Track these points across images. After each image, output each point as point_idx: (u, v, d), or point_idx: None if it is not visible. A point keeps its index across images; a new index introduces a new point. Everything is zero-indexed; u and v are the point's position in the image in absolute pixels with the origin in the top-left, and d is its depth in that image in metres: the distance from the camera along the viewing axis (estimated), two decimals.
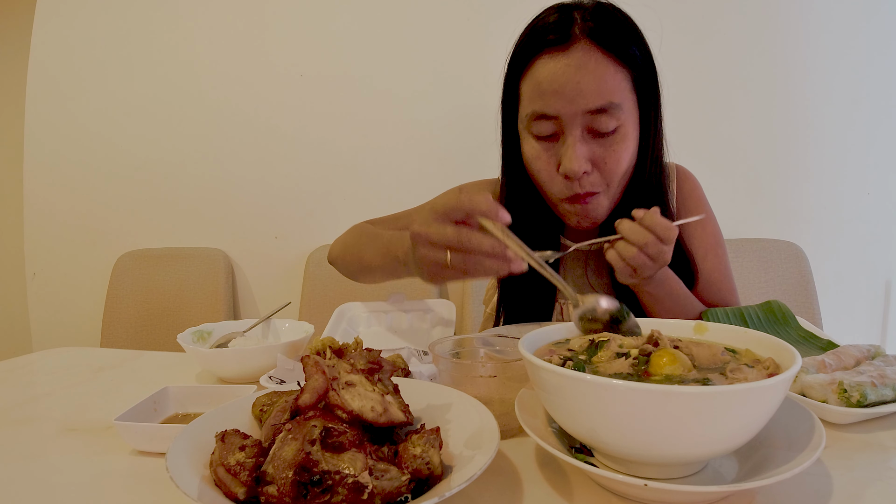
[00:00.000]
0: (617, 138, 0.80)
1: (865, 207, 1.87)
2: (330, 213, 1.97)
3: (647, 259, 0.73)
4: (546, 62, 0.78)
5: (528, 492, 0.50)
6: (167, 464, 0.44)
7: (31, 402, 0.79)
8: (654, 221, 0.72)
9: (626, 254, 0.74)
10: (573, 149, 0.78)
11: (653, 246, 0.72)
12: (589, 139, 0.80)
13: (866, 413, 0.60)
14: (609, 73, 0.77)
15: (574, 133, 0.78)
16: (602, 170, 0.81)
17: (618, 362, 0.53)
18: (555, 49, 0.77)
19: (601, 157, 0.80)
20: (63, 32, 1.99)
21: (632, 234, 0.72)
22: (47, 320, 2.09)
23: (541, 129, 0.81)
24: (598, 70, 0.76)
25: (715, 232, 1.00)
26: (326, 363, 0.51)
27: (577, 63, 0.76)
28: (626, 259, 0.74)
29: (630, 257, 0.74)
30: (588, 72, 0.76)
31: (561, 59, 0.77)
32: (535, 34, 0.81)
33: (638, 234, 0.72)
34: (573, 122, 0.78)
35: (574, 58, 0.76)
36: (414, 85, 1.89)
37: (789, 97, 1.83)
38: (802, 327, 0.86)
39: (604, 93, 0.76)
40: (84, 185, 2.02)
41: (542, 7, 0.85)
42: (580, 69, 0.76)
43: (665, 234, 0.72)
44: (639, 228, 0.72)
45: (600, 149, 0.80)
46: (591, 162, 0.80)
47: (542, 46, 0.79)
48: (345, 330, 0.99)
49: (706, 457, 0.48)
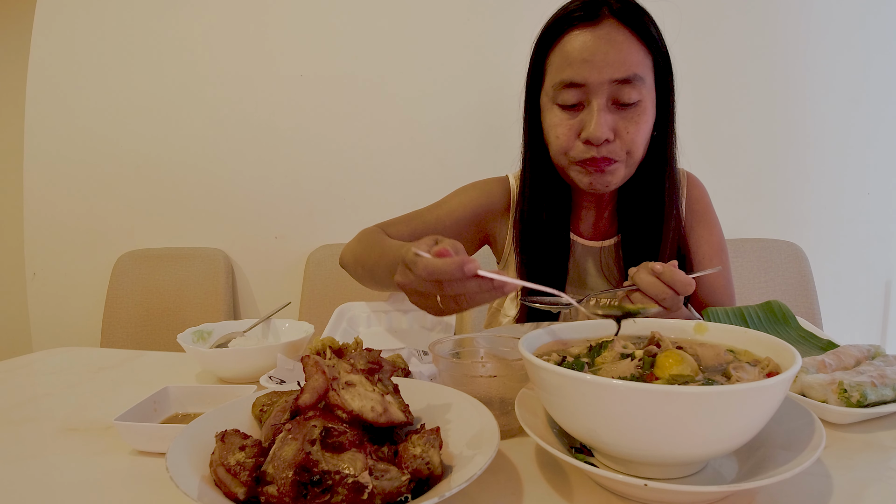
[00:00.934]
0: (638, 110, 0.84)
1: (865, 207, 1.87)
2: (330, 213, 1.97)
3: (662, 310, 0.74)
4: (576, 35, 0.83)
5: (528, 492, 0.50)
6: (167, 464, 0.44)
7: (31, 402, 0.79)
8: (674, 278, 0.71)
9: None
10: (599, 114, 0.82)
11: (670, 300, 0.72)
12: (613, 109, 0.84)
13: (866, 413, 0.60)
14: (634, 49, 0.82)
15: (600, 101, 0.82)
16: (624, 139, 0.84)
17: (622, 364, 0.53)
18: (584, 24, 0.83)
19: (623, 127, 0.84)
20: (63, 32, 1.98)
21: (651, 289, 0.71)
22: (47, 320, 2.09)
23: (567, 97, 0.84)
24: (624, 44, 0.82)
25: (720, 240, 1.03)
26: (326, 363, 0.51)
27: (606, 36, 0.82)
28: None
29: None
30: (615, 44, 0.81)
31: (590, 33, 0.82)
32: (565, 14, 0.86)
33: (657, 289, 0.71)
34: (599, 90, 0.82)
35: (603, 31, 0.82)
36: (414, 85, 1.89)
37: (789, 97, 1.83)
38: (802, 327, 0.86)
39: (629, 64, 0.81)
40: (84, 185, 2.02)
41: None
42: (608, 41, 0.81)
43: (683, 289, 0.71)
44: (657, 283, 0.71)
45: (622, 120, 0.84)
46: (613, 132, 0.84)
47: (572, 22, 0.84)
48: (345, 330, 0.99)
49: (706, 457, 0.48)
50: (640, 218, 0.95)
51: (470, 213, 1.04)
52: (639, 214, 0.95)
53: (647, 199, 0.94)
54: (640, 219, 0.95)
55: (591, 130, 0.82)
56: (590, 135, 0.82)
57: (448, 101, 1.88)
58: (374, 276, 0.92)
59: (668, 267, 0.72)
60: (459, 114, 1.87)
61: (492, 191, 1.05)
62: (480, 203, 1.04)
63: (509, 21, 1.80)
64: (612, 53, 0.81)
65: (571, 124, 0.86)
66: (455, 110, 1.87)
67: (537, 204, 0.96)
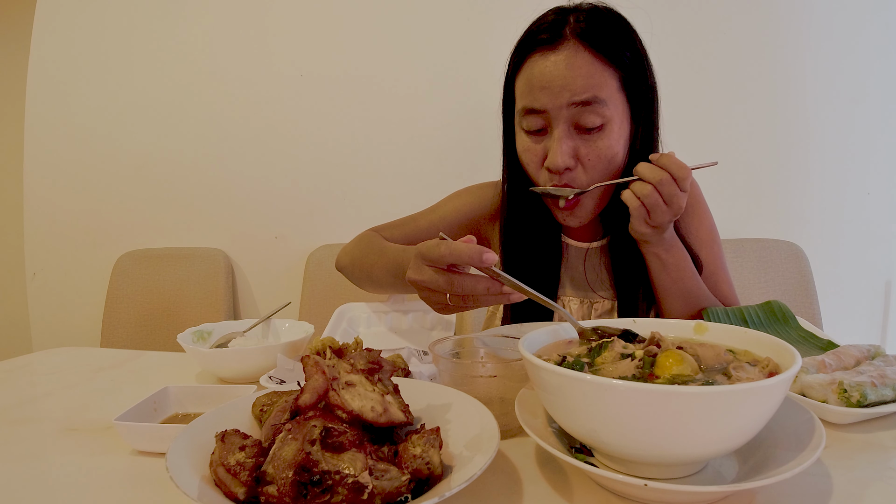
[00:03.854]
0: (602, 135, 0.82)
1: (865, 207, 1.87)
2: (330, 213, 1.97)
3: (661, 199, 0.77)
4: (536, 60, 0.82)
5: (528, 492, 0.50)
6: (167, 464, 0.44)
7: (31, 402, 0.79)
8: (669, 161, 0.76)
9: (641, 191, 0.78)
10: (558, 143, 0.81)
11: (667, 185, 0.76)
12: (574, 135, 0.82)
13: (866, 413, 0.60)
14: (596, 71, 0.80)
15: (560, 127, 0.81)
16: (586, 166, 0.83)
17: (622, 364, 0.53)
18: (545, 48, 0.81)
19: (585, 154, 0.83)
20: (63, 32, 1.98)
21: (647, 172, 0.77)
22: (47, 320, 2.09)
23: (530, 123, 0.84)
24: (583, 67, 0.80)
25: (711, 227, 1.04)
26: (326, 363, 0.51)
27: (564, 60, 0.80)
28: (641, 197, 0.78)
29: (645, 195, 0.77)
30: (574, 68, 0.79)
31: (550, 57, 0.81)
32: (530, 35, 0.85)
33: (653, 172, 0.76)
34: (559, 116, 0.81)
35: (562, 55, 0.80)
36: (414, 85, 1.89)
37: (790, 97, 1.83)
38: (802, 327, 0.86)
39: (588, 87, 0.79)
40: (84, 185, 2.02)
41: (543, 6, 0.88)
42: (567, 66, 0.80)
43: (679, 172, 0.76)
44: (653, 167, 0.77)
45: (585, 145, 0.82)
46: (575, 158, 0.83)
47: (534, 46, 0.83)
48: (345, 330, 0.99)
49: (706, 457, 0.48)
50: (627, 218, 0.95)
51: (464, 217, 1.04)
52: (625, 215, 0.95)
53: None
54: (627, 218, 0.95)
55: (550, 159, 0.82)
56: (550, 164, 0.82)
57: (448, 101, 1.88)
58: (371, 278, 0.93)
59: (664, 154, 0.77)
60: (459, 114, 1.87)
61: (485, 195, 1.05)
62: (474, 208, 1.04)
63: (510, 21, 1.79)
64: (570, 77, 0.79)
65: (537, 150, 0.85)
66: (455, 110, 1.87)
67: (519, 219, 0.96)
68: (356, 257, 0.98)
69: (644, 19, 0.90)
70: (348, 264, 1.00)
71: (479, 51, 1.83)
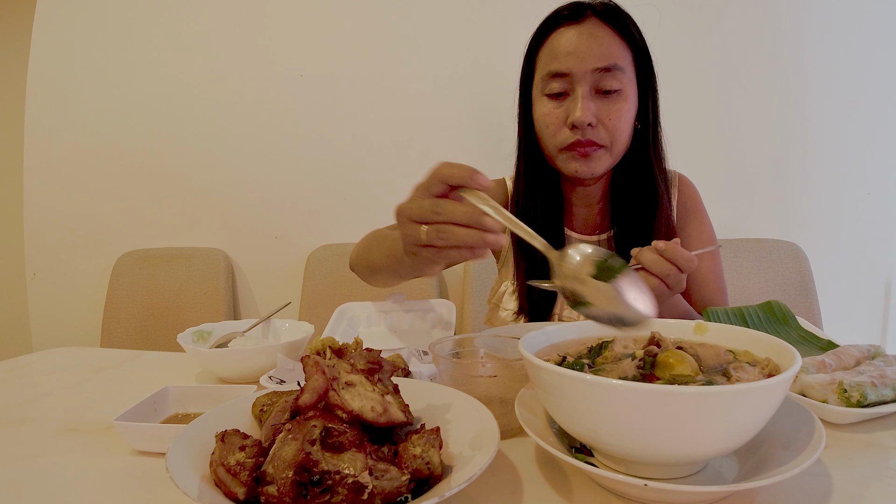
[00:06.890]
0: (620, 98, 0.91)
1: (865, 207, 1.87)
2: (330, 213, 1.97)
3: (666, 288, 0.76)
4: (562, 32, 0.92)
5: (528, 492, 0.50)
6: (167, 464, 0.44)
7: (31, 402, 0.79)
8: (677, 254, 0.74)
9: (648, 283, 0.76)
10: (582, 101, 0.89)
11: (674, 277, 0.75)
12: (596, 97, 0.90)
13: (866, 413, 0.60)
14: (615, 43, 0.90)
15: (583, 89, 0.90)
16: (606, 125, 0.91)
17: (623, 364, 0.53)
18: (570, 23, 0.92)
19: (605, 114, 0.90)
20: (63, 32, 1.98)
21: (655, 266, 0.74)
22: (47, 320, 2.09)
23: (554, 86, 0.92)
24: (605, 38, 0.90)
25: (711, 236, 1.06)
26: (326, 363, 0.51)
27: (588, 31, 0.90)
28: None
29: (652, 287, 0.76)
30: (597, 38, 0.90)
31: (574, 29, 0.91)
32: (553, 15, 0.94)
33: (661, 266, 0.74)
34: (583, 79, 0.89)
35: (586, 28, 0.90)
36: (414, 84, 1.89)
37: (789, 97, 1.83)
38: (802, 327, 0.86)
39: (609, 56, 0.89)
40: (84, 186, 2.02)
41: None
42: (591, 36, 0.90)
43: (686, 266, 0.74)
44: (661, 260, 0.74)
45: (605, 107, 0.90)
46: (596, 117, 0.90)
47: (559, 22, 0.93)
48: (345, 330, 0.99)
49: (706, 457, 0.48)
50: (633, 211, 0.98)
51: None
52: (631, 208, 0.99)
53: (639, 192, 0.98)
54: (633, 212, 0.98)
55: (576, 114, 0.88)
56: (575, 119, 0.89)
57: (448, 101, 1.88)
58: (373, 267, 0.92)
59: (670, 244, 0.75)
60: (460, 113, 1.87)
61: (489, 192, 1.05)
62: None
63: (510, 21, 1.79)
64: (594, 46, 0.89)
65: (559, 113, 0.92)
66: (455, 110, 1.87)
67: (532, 194, 1.01)
68: (360, 251, 0.99)
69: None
70: (354, 259, 1.01)
71: (480, 51, 1.83)
